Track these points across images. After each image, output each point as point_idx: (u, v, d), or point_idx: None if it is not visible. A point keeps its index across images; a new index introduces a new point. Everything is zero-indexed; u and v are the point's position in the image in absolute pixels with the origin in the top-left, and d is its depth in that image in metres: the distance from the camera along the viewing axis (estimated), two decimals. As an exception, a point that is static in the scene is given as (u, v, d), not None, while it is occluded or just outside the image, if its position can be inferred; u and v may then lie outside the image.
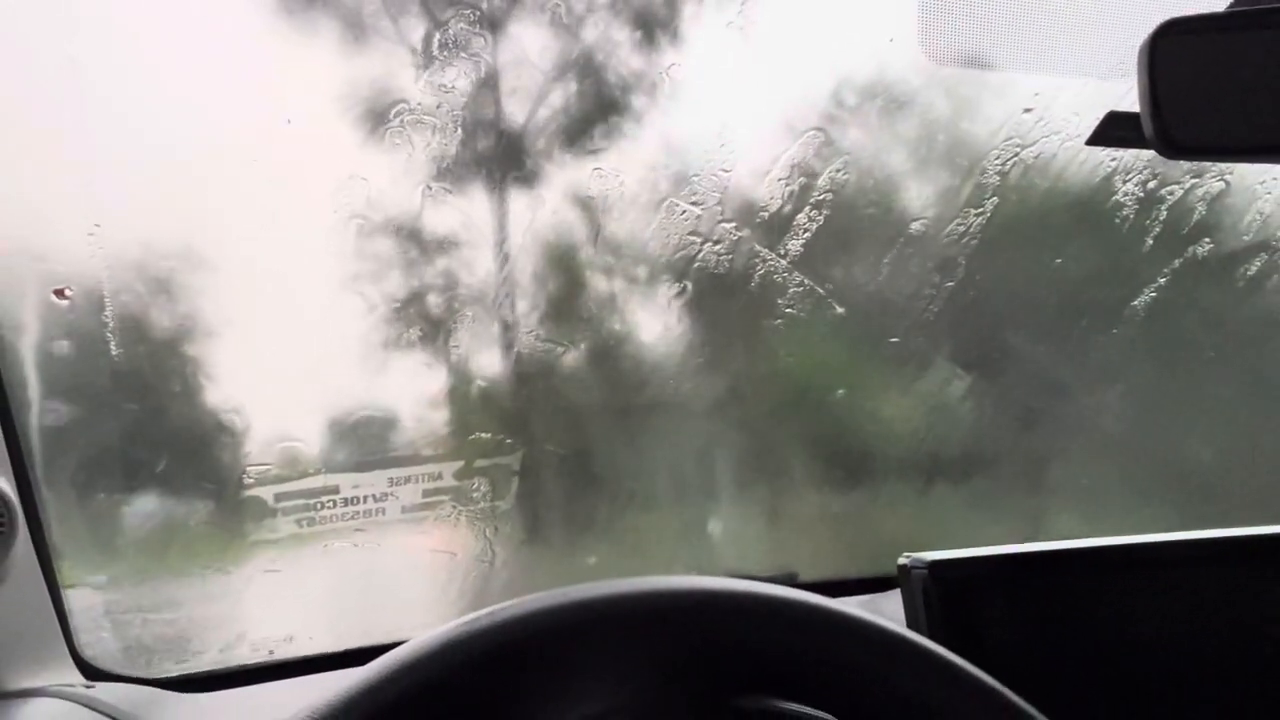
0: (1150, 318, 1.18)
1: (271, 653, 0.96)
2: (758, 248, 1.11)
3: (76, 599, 0.86)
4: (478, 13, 1.02)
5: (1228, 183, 1.14)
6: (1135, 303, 1.18)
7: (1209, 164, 1.08)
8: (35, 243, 0.88)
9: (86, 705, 0.77)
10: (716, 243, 1.10)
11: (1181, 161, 1.04)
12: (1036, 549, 0.78)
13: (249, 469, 1.01)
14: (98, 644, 0.89)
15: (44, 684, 0.79)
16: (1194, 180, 1.13)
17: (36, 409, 0.85)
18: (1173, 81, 0.54)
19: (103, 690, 0.81)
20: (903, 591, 0.77)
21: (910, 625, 0.76)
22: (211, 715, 0.83)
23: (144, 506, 0.98)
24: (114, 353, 0.93)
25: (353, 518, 1.06)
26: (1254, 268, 1.21)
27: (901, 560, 0.77)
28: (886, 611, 0.54)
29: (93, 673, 0.86)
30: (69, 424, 0.90)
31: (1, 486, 0.75)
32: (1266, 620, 0.78)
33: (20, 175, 0.85)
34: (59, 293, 0.89)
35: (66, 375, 0.90)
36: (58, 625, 0.83)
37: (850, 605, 0.50)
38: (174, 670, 0.92)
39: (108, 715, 0.77)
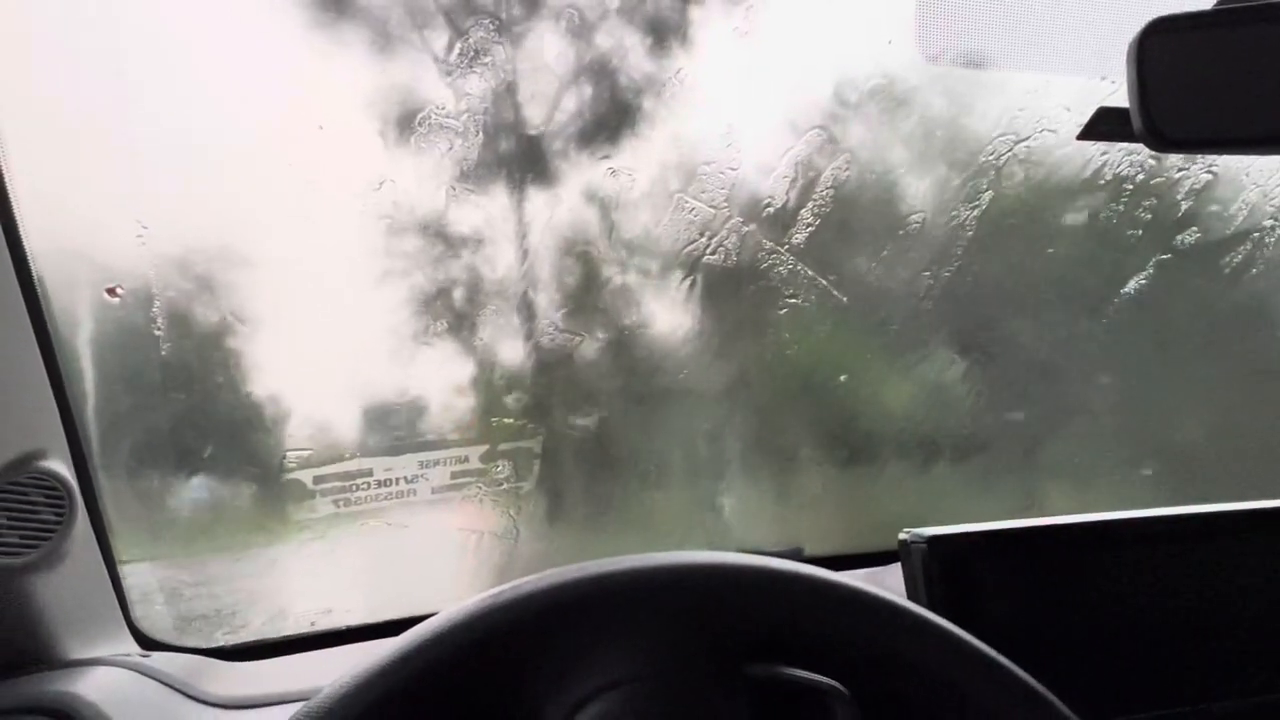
0: (1141, 303, 1.17)
1: (312, 624, 0.97)
2: (764, 241, 1.11)
3: (132, 575, 0.87)
4: (497, 22, 1.02)
5: (1215, 174, 1.12)
6: (1126, 288, 1.17)
7: (1196, 156, 1.06)
8: (88, 245, 0.89)
9: (143, 673, 0.78)
10: (724, 237, 1.10)
11: (1170, 154, 1.03)
12: (1032, 524, 0.78)
13: (289, 453, 1.02)
14: (152, 616, 0.90)
15: (103, 654, 0.80)
16: (1182, 172, 1.11)
17: (92, 400, 0.85)
18: (1160, 77, 0.53)
19: (157, 659, 0.82)
20: (903, 565, 0.77)
21: (910, 597, 0.76)
22: (258, 682, 0.84)
23: (193, 489, 0.99)
24: (162, 346, 0.94)
25: (386, 498, 1.07)
26: (1240, 255, 1.19)
27: (902, 535, 0.77)
28: (888, 584, 0.54)
29: (148, 643, 0.88)
30: (122, 413, 0.91)
31: (62, 472, 0.75)
32: (1254, 591, 0.77)
33: (74, 182, 0.86)
34: (111, 291, 0.90)
35: (119, 368, 0.91)
36: (115, 599, 0.84)
37: (853, 578, 0.51)
38: (223, 640, 0.93)
39: (162, 682, 0.78)
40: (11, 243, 0.72)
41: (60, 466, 0.76)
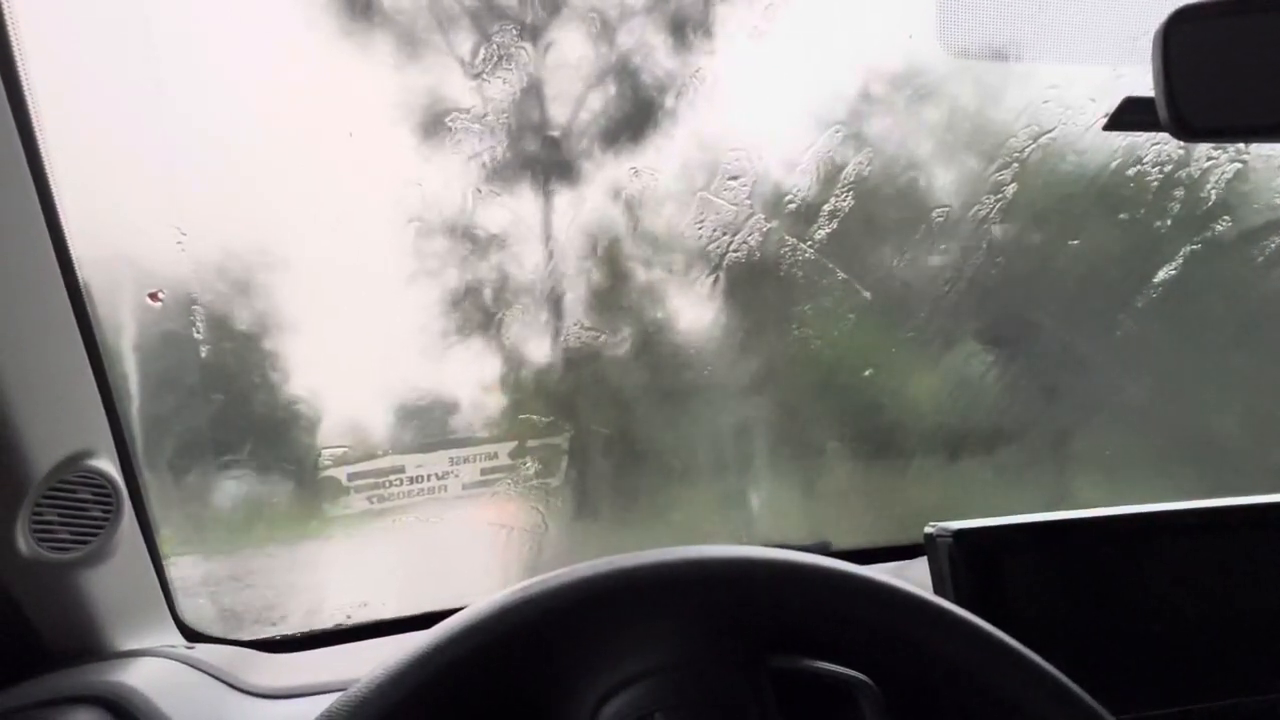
0: (1170, 294, 1.14)
1: (349, 617, 0.99)
2: (787, 237, 1.10)
3: (177, 570, 0.89)
4: (521, 25, 1.03)
5: (1244, 163, 1.09)
6: (1156, 279, 1.14)
7: (1224, 145, 1.04)
8: (131, 252, 0.91)
9: (187, 664, 0.80)
10: (747, 234, 1.10)
11: (1197, 143, 1.01)
12: (1059, 518, 0.77)
13: (324, 451, 1.04)
14: (196, 609, 0.92)
15: (149, 645, 0.82)
16: (1210, 161, 1.09)
17: (137, 401, 0.87)
18: (1186, 66, 0.52)
19: (201, 650, 0.84)
20: (929, 559, 0.76)
21: (937, 591, 0.75)
22: (298, 673, 0.85)
23: (233, 486, 1.01)
24: (202, 348, 0.96)
25: (418, 495, 1.08)
26: (1272, 244, 1.16)
27: (928, 529, 0.77)
28: (914, 578, 0.54)
29: (192, 635, 0.90)
30: (165, 413, 0.93)
31: (109, 470, 0.77)
32: (1286, 584, 0.76)
33: (117, 191, 0.88)
34: (153, 296, 0.92)
35: (161, 370, 0.93)
36: (161, 593, 0.86)
37: (879, 572, 0.50)
38: (264, 633, 0.95)
39: (206, 673, 0.80)
40: (59, 251, 0.74)
41: (107, 465, 0.77)
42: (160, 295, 0.92)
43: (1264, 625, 0.75)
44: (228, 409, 1.00)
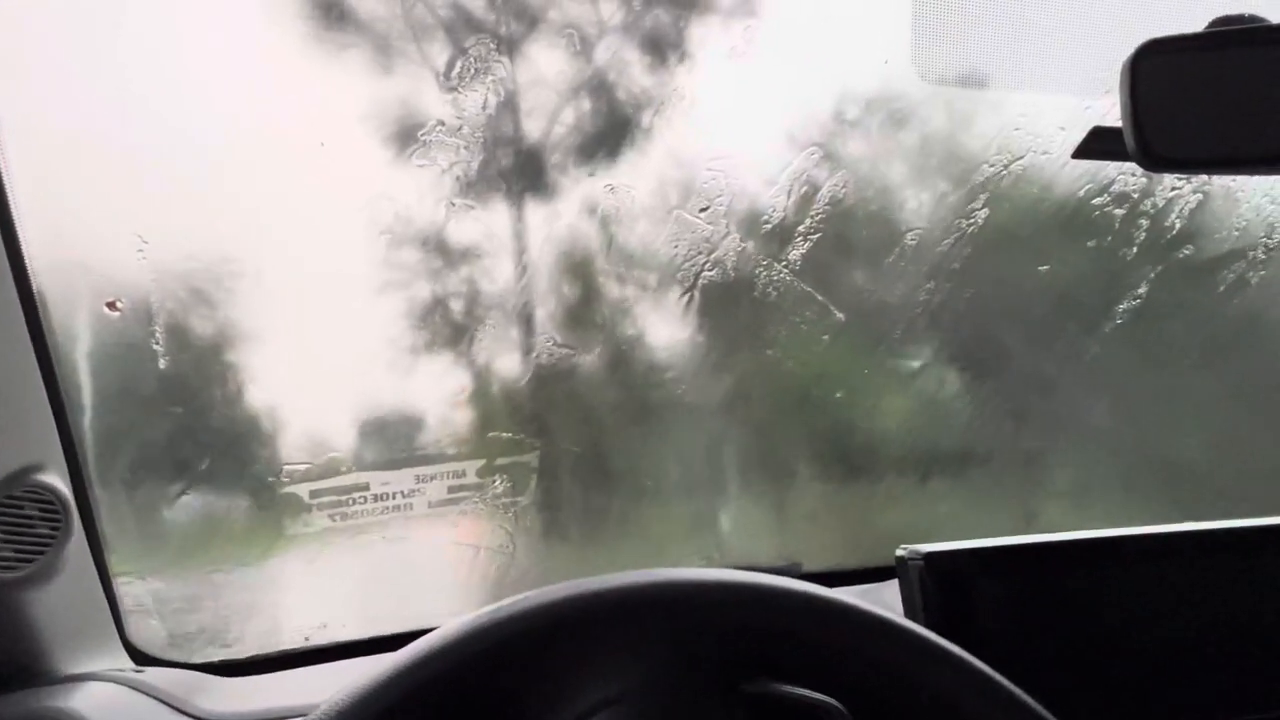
0: (1138, 319, 1.17)
1: (307, 639, 0.97)
2: (761, 257, 1.11)
3: (127, 590, 0.87)
4: (497, 38, 1.03)
5: (1206, 194, 1.13)
6: (1123, 305, 1.17)
7: (1188, 175, 1.07)
8: (89, 259, 0.89)
9: (136, 688, 0.78)
10: (722, 253, 1.11)
11: (1162, 174, 1.04)
12: (1030, 541, 0.78)
13: (286, 467, 1.02)
14: (146, 631, 0.90)
15: (97, 669, 0.80)
16: (1175, 191, 1.12)
17: (90, 414, 0.85)
18: (1153, 98, 0.54)
19: (151, 674, 0.82)
20: (900, 582, 0.77)
21: (907, 614, 0.75)
22: (253, 698, 0.83)
23: (189, 503, 0.99)
24: (161, 360, 0.94)
25: (382, 513, 1.06)
26: (1235, 272, 1.20)
27: (899, 551, 0.77)
28: (885, 601, 0.54)
29: (142, 658, 0.87)
30: (120, 427, 0.91)
31: (58, 485, 0.75)
32: (1253, 609, 0.77)
33: (75, 197, 0.86)
34: (110, 305, 0.90)
35: (118, 382, 0.91)
36: (109, 614, 0.84)
37: (849, 595, 0.51)
38: (217, 655, 0.93)
39: (156, 698, 0.78)
40: (12, 256, 0.72)
41: (56, 480, 0.75)
42: (119, 304, 0.90)
43: (1235, 649, 0.77)
44: (186, 422, 0.99)
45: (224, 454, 1.01)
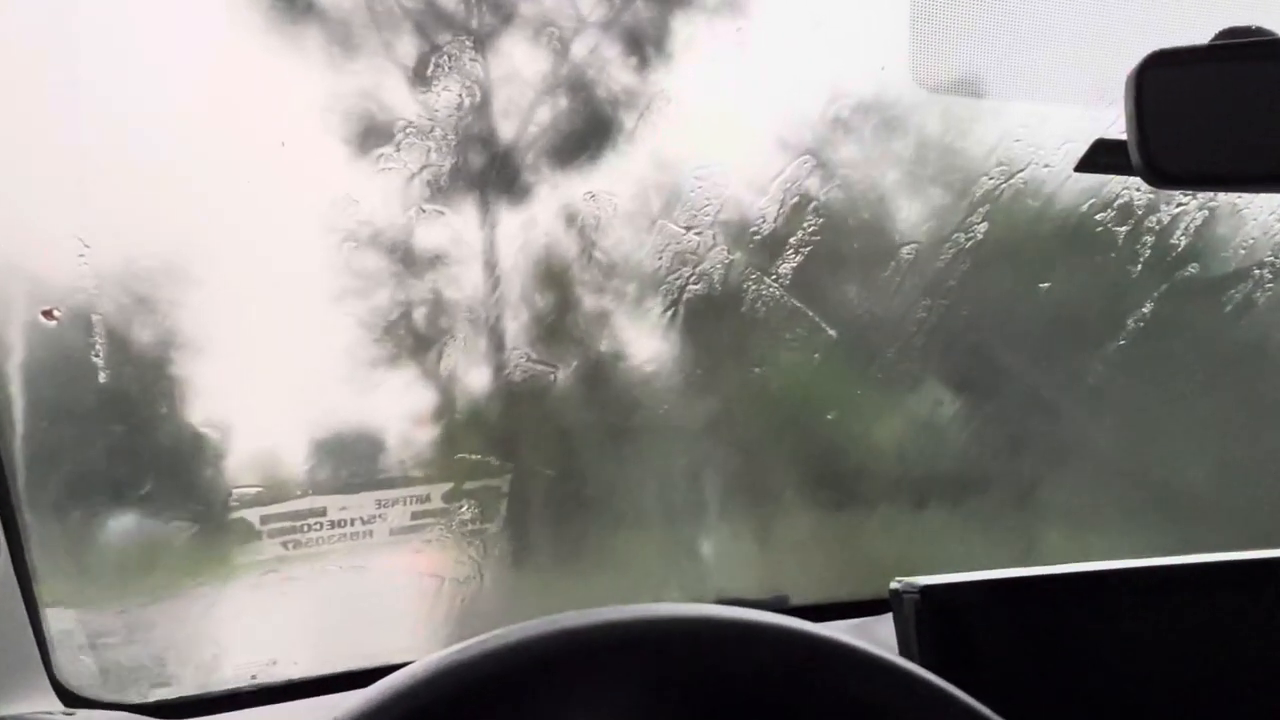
0: (1141, 340, 1.19)
1: (254, 677, 0.95)
2: (749, 270, 1.12)
3: (56, 623, 0.85)
4: (470, 35, 1.03)
5: (1212, 210, 1.15)
6: (1126, 325, 1.19)
7: (1194, 192, 1.10)
8: (24, 263, 0.88)
9: (65, 733, 0.76)
10: (708, 266, 1.11)
11: (1168, 190, 1.06)
12: (1029, 574, 0.78)
13: (235, 491, 1.00)
14: (77, 669, 0.87)
15: (21, 711, 0.77)
16: (1180, 207, 1.15)
17: (20, 430, 0.84)
18: (1159, 111, 0.55)
19: (81, 716, 0.80)
20: (895, 616, 0.77)
21: (902, 650, 0.76)
22: (193, 742, 0.82)
23: (128, 529, 0.97)
24: (101, 374, 0.93)
25: (339, 540, 1.05)
26: (1241, 292, 1.22)
27: (894, 585, 0.77)
28: (879, 635, 0.54)
29: (71, 699, 0.85)
30: (54, 445, 0.90)
31: (-17, 509, 0.74)
32: (1259, 645, 0.78)
33: (9, 195, 0.85)
34: (47, 314, 0.89)
35: (52, 396, 0.90)
36: (36, 650, 0.82)
37: (840, 631, 0.50)
38: (154, 695, 0.91)
39: (87, 743, 0.76)
40: (-61, 259, 0.71)
41: (-19, 503, 0.74)
42: (56, 313, 0.89)
43: (1240, 685, 0.77)
44: (127, 441, 0.97)
45: (168, 476, 0.99)
